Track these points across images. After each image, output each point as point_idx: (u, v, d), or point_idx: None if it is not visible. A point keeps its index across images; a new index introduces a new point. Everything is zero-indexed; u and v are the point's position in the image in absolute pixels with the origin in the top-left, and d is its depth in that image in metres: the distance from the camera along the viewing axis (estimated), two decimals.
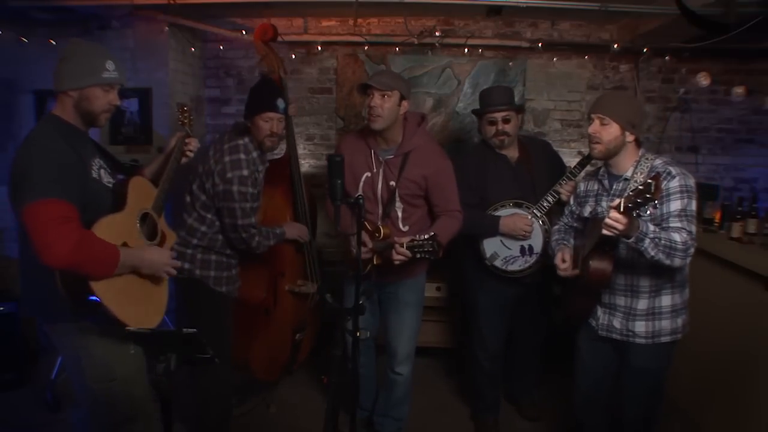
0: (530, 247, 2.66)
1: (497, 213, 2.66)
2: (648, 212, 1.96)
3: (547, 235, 2.62)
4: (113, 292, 1.70)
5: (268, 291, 2.79)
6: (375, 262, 2.44)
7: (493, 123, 2.63)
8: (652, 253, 1.83)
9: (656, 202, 1.75)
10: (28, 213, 1.60)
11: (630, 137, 2.02)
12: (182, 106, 2.21)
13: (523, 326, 3.05)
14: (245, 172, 2.33)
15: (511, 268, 2.69)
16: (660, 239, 1.82)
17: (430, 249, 2.18)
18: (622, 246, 2.02)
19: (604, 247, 1.98)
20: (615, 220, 1.74)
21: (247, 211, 2.37)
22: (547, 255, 2.63)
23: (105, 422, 1.94)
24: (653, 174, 1.68)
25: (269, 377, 2.99)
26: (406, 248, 2.23)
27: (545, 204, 2.64)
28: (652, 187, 1.60)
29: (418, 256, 2.22)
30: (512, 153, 2.72)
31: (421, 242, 2.20)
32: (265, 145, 2.42)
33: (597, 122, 2.03)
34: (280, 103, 2.40)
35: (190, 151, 2.14)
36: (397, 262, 2.28)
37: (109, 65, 1.81)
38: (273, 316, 2.83)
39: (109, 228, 1.72)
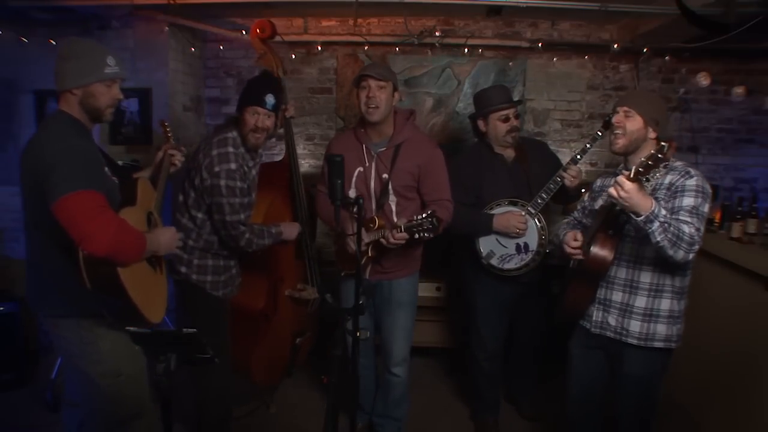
0: (525, 245, 2.66)
1: (492, 211, 2.66)
2: (653, 182, 1.97)
3: (542, 232, 2.63)
4: (135, 281, 1.74)
5: (268, 297, 2.77)
6: (370, 254, 2.43)
7: (507, 120, 2.64)
8: (659, 238, 1.81)
9: (667, 163, 1.74)
10: (65, 205, 1.62)
11: (652, 134, 2.03)
12: (163, 122, 2.32)
13: (522, 326, 3.05)
14: (233, 166, 2.28)
15: (507, 266, 2.68)
16: (670, 224, 1.81)
17: (430, 226, 2.18)
18: (627, 239, 2.03)
19: (608, 230, 1.98)
20: (621, 183, 1.75)
21: (235, 207, 2.31)
22: (542, 253, 2.65)
23: (111, 419, 1.95)
24: (669, 139, 1.70)
25: (269, 382, 3.00)
26: (404, 230, 2.24)
27: (539, 201, 2.62)
28: (666, 149, 1.62)
29: (417, 236, 2.22)
30: (509, 152, 2.73)
31: (419, 221, 2.20)
32: (248, 140, 2.35)
33: (621, 114, 2.05)
34: (270, 99, 2.31)
35: (178, 160, 2.21)
36: (392, 246, 2.29)
37: (110, 60, 1.84)
38: (273, 322, 2.81)
39: (128, 219, 1.76)
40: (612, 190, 1.78)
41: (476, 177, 2.70)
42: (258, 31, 2.71)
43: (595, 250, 2.00)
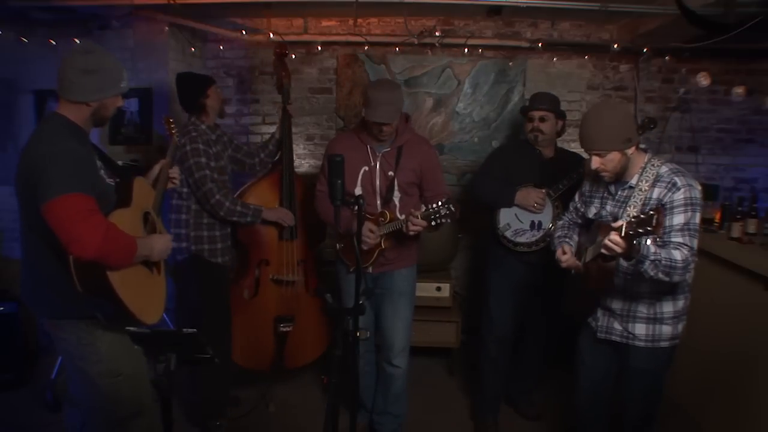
0: (539, 223, 2.82)
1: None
2: (647, 242, 1.90)
3: (557, 217, 2.72)
4: (126, 284, 1.74)
5: (250, 276, 2.94)
6: (383, 246, 2.52)
7: (532, 120, 2.85)
8: (651, 274, 1.83)
9: (656, 237, 1.74)
10: (53, 208, 1.63)
11: (630, 150, 1.99)
12: (167, 118, 2.37)
13: (530, 327, 3.09)
14: (193, 134, 2.67)
15: (519, 239, 2.84)
16: (660, 260, 1.81)
17: (447, 212, 2.29)
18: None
19: (605, 256, 1.98)
20: (615, 243, 1.75)
21: (201, 164, 2.62)
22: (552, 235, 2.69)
23: (111, 418, 1.96)
24: (656, 206, 1.68)
25: (253, 366, 3.03)
26: (422, 218, 2.33)
27: (560, 186, 2.79)
28: (654, 221, 1.62)
29: (434, 223, 2.32)
30: (547, 152, 2.91)
31: (436, 209, 2.30)
32: (223, 110, 2.87)
33: (596, 158, 2.00)
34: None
35: (174, 179, 2.25)
36: (412, 233, 2.39)
37: (125, 75, 1.91)
38: (253, 302, 2.95)
39: (120, 221, 1.76)
40: (607, 248, 1.79)
41: (512, 159, 2.94)
42: (277, 50, 3.10)
43: (594, 270, 2.01)
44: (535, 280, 2.89)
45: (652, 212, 1.63)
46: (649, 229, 1.64)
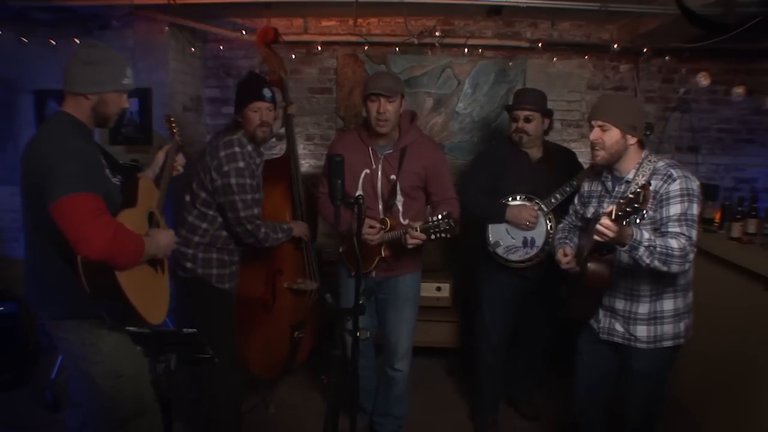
0: (532, 240, 2.72)
1: (507, 202, 2.74)
2: (637, 221, 1.92)
3: (550, 231, 2.67)
4: (133, 284, 1.74)
5: (267, 287, 2.84)
6: (383, 254, 2.48)
7: (516, 120, 2.73)
8: (647, 261, 1.82)
9: (645, 212, 1.73)
10: (62, 207, 1.62)
11: (632, 140, 2.00)
12: (169, 117, 2.30)
13: (528, 328, 3.07)
14: (241, 164, 2.36)
15: (511, 257, 2.75)
16: (655, 247, 1.80)
17: (447, 227, 2.24)
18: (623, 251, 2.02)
19: (602, 250, 1.98)
20: (606, 227, 1.75)
21: (248, 202, 2.38)
22: (547, 251, 2.67)
23: (112, 419, 1.95)
24: (643, 183, 1.68)
25: (269, 375, 3.00)
26: (421, 231, 2.29)
27: (553, 201, 2.70)
28: (641, 197, 1.61)
29: (433, 237, 2.28)
30: (535, 153, 2.80)
31: (435, 222, 2.26)
32: (257, 136, 2.44)
33: (597, 129, 2.00)
34: (267, 92, 2.42)
35: (181, 165, 2.22)
36: (410, 246, 2.34)
37: (128, 72, 1.87)
38: (272, 313, 2.86)
39: (127, 221, 1.76)
40: (598, 232, 1.78)
41: (499, 167, 2.79)
42: (262, 36, 2.86)
43: (593, 267, 2.00)
44: (531, 289, 2.85)
45: (639, 189, 1.62)
46: (636, 206, 1.63)
